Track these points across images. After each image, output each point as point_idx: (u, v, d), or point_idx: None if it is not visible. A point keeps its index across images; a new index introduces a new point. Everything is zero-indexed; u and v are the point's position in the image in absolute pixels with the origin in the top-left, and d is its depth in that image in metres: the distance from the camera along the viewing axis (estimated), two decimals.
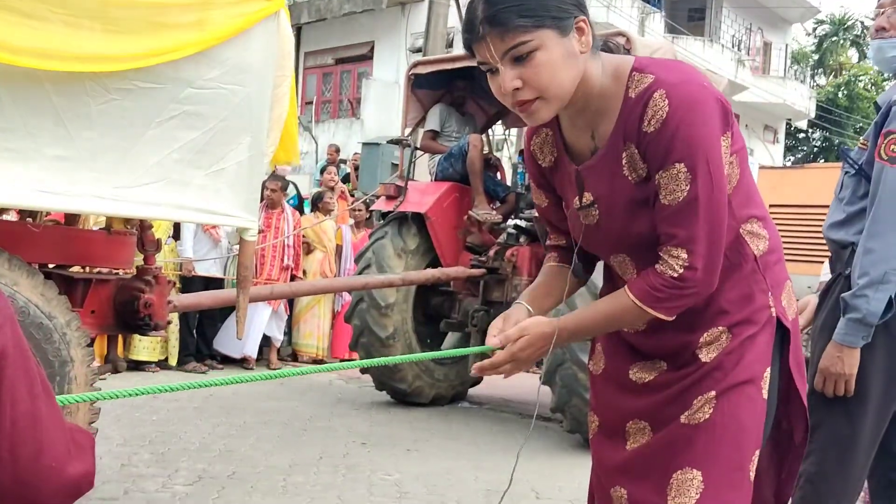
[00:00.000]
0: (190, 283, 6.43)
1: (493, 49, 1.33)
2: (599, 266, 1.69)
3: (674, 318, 1.44)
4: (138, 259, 3.10)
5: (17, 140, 2.24)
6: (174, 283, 5.83)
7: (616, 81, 1.42)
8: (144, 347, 6.23)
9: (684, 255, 1.38)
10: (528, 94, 1.35)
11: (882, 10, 2.29)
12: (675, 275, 1.38)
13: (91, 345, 2.64)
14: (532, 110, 1.37)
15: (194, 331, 6.67)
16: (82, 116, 2.33)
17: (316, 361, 7.47)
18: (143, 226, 3.08)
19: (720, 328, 1.49)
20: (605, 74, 1.42)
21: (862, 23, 27.62)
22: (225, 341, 6.81)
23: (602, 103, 1.43)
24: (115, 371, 3.18)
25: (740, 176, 1.48)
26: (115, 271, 3.08)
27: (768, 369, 1.50)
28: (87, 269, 3.03)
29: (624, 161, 1.43)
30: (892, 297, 2.09)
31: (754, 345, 1.48)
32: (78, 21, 2.28)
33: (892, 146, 2.13)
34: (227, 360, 7.00)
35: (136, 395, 1.25)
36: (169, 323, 3.18)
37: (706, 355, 1.49)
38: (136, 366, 6.23)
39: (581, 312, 1.51)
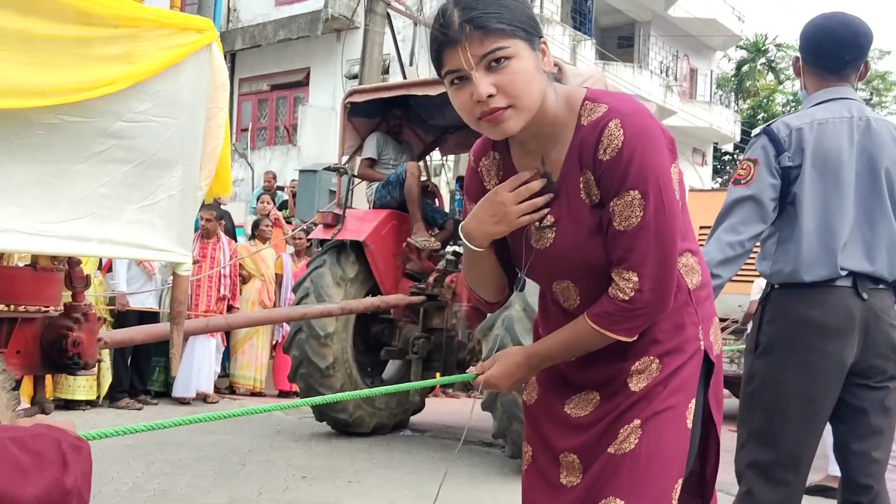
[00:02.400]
0: (124, 316, 6.26)
1: (470, 53, 1.33)
2: (534, 292, 1.71)
3: (635, 337, 1.49)
4: (66, 296, 3.00)
5: None
6: (104, 320, 5.66)
7: (568, 109, 1.46)
8: (80, 386, 6.02)
9: (635, 278, 1.42)
10: (501, 102, 1.36)
11: None
12: (626, 298, 1.43)
13: (17, 388, 2.54)
14: (503, 118, 1.37)
15: (129, 366, 6.49)
16: (4, 153, 2.26)
17: (254, 394, 7.33)
18: (72, 262, 2.99)
19: (651, 357, 1.52)
20: (559, 101, 1.46)
21: (777, 46, 28.87)
22: (177, 386, 6.71)
23: (554, 129, 1.46)
24: (43, 413, 3.05)
25: (681, 208, 1.52)
26: (41, 309, 2.97)
27: (693, 400, 1.53)
28: (12, 307, 2.92)
29: (581, 186, 1.46)
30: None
31: (681, 375, 1.52)
32: (2, 54, 2.22)
33: (740, 170, 2.36)
34: (160, 395, 6.82)
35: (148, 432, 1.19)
36: (100, 361, 3.08)
37: (636, 384, 1.52)
38: (66, 404, 6.01)
39: (548, 339, 1.56)
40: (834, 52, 2.34)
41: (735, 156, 27.69)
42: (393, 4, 11.06)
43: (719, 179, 26.91)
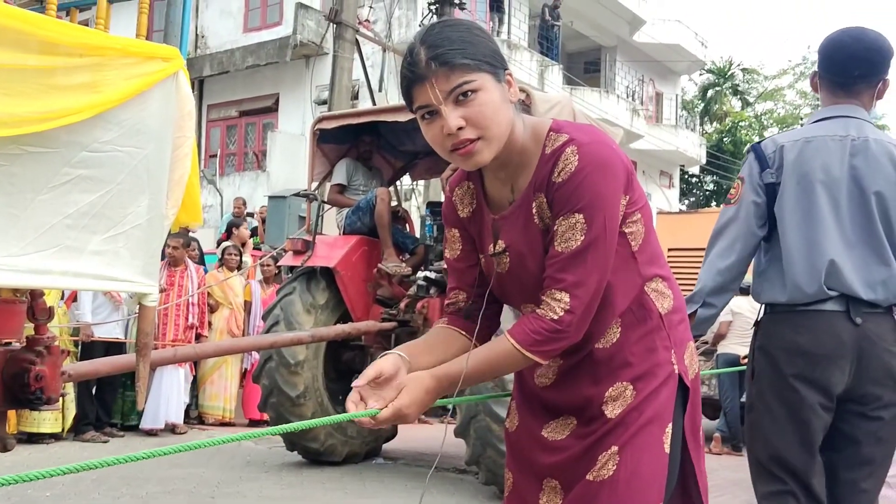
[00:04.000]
0: (90, 347, 6.14)
1: (438, 88, 1.38)
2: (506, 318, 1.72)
3: (547, 362, 1.49)
4: (29, 328, 2.93)
5: None
6: (68, 352, 5.55)
7: (535, 140, 1.50)
8: (45, 419, 5.89)
9: (567, 299, 1.42)
10: (471, 133, 1.39)
11: None
12: (556, 317, 1.43)
13: None
14: (474, 150, 1.41)
15: (93, 398, 6.36)
16: None
17: (224, 424, 7.22)
18: (34, 293, 2.92)
19: (624, 383, 1.52)
20: (526, 132, 1.50)
21: (742, 71, 29.49)
22: (146, 417, 6.59)
23: (522, 159, 1.50)
24: (5, 449, 2.96)
25: (646, 234, 1.54)
26: (2, 342, 2.90)
27: (670, 425, 1.53)
28: None
29: (534, 210, 1.49)
30: (698, 312, 2.31)
31: (657, 400, 1.52)
32: None
33: (732, 189, 2.37)
34: (126, 428, 6.69)
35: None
36: (64, 395, 3.00)
37: (611, 411, 1.52)
38: (30, 438, 5.86)
39: (460, 360, 1.47)
40: (842, 65, 2.28)
41: (701, 178, 28.15)
42: (361, 31, 11.11)
43: (686, 202, 27.30)
